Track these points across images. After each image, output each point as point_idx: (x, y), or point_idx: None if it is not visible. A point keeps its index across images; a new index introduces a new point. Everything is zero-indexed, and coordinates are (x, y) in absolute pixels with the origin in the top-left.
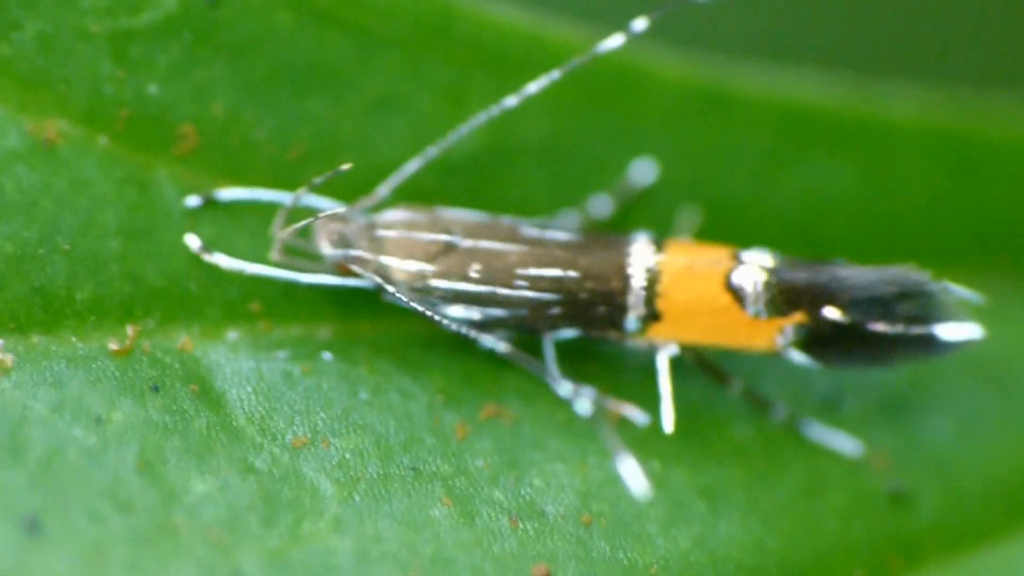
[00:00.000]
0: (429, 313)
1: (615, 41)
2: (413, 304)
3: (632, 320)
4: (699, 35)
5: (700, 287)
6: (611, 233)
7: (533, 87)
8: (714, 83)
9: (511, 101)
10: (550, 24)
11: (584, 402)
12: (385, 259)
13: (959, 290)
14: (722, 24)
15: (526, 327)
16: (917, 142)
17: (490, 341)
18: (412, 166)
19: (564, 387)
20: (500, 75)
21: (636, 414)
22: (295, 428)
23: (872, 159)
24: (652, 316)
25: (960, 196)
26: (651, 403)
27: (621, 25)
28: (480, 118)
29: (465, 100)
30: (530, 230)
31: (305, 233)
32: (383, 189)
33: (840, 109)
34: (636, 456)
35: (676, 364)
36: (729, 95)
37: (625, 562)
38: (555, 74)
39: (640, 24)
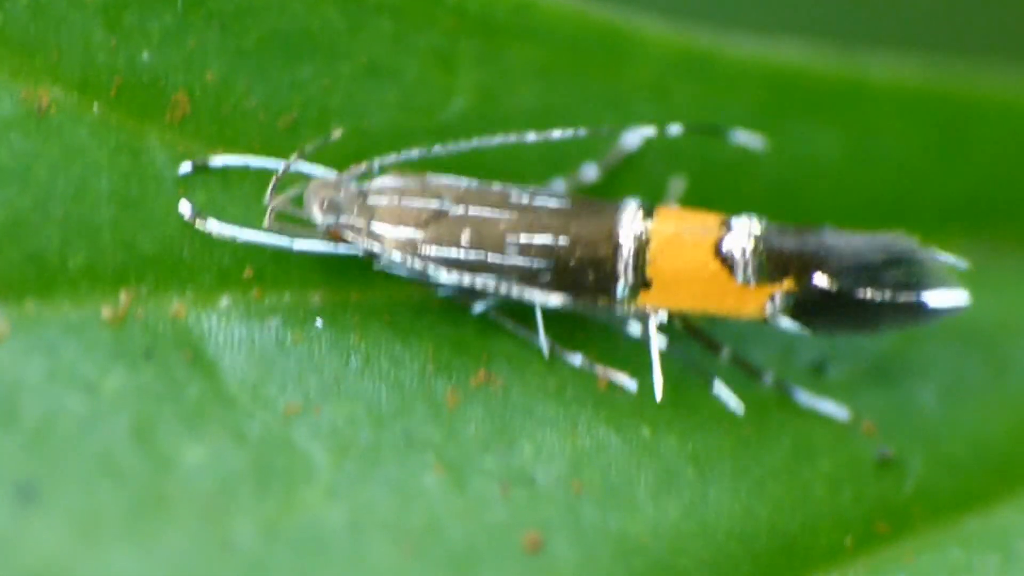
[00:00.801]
0: (421, 275)
1: (647, 132)
2: (403, 271)
3: (621, 287)
4: (686, 3)
5: (689, 254)
6: (601, 200)
7: (556, 133)
8: (700, 50)
9: (531, 137)
10: None
11: (624, 377)
12: (376, 226)
13: (946, 257)
14: None
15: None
16: (902, 107)
17: (512, 325)
18: (412, 154)
19: (622, 376)
20: (489, 41)
21: (626, 381)
22: (287, 396)
23: (857, 125)
24: (641, 283)
25: (945, 161)
26: (641, 370)
27: None
28: (495, 140)
29: (454, 66)
30: (520, 197)
31: (297, 200)
32: (377, 163)
33: (825, 74)
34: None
35: (665, 331)
36: (715, 62)
37: (615, 529)
38: (581, 131)
39: (675, 128)
